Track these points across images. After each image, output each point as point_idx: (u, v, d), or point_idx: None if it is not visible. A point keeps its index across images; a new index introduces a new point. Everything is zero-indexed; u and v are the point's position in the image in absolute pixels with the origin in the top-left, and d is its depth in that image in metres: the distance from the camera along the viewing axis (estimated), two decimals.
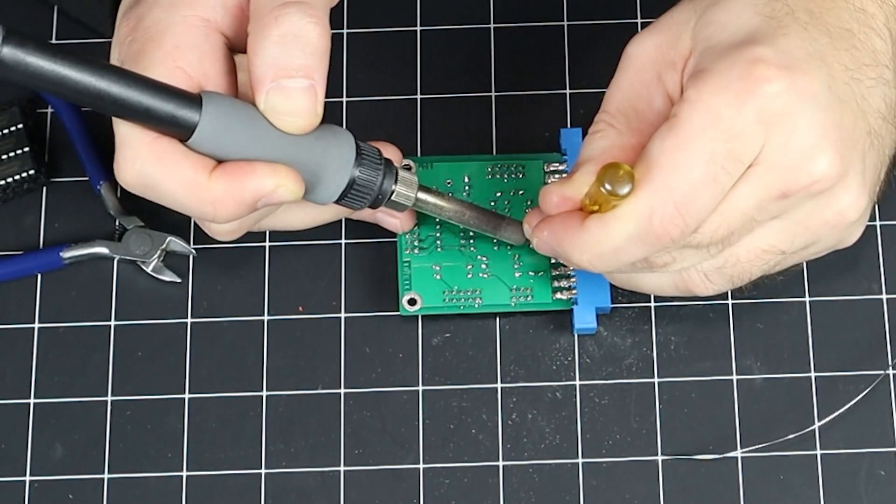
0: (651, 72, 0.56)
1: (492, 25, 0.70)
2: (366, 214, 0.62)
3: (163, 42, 0.53)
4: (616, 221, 0.53)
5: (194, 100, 0.52)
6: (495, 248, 0.64)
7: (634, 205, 0.52)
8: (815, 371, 0.64)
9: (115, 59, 0.55)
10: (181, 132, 0.52)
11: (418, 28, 0.70)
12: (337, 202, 0.57)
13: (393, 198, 0.58)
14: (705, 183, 0.52)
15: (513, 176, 0.65)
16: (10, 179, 0.66)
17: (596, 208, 0.54)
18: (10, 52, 0.48)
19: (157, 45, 0.53)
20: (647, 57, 0.56)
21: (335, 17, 0.69)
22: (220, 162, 0.53)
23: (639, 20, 0.69)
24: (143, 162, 0.53)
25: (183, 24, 0.54)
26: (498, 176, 0.65)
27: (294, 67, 0.52)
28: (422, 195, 0.60)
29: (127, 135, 0.53)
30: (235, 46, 0.56)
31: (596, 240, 0.54)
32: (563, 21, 0.69)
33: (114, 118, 0.53)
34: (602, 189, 0.52)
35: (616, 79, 0.57)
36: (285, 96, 0.52)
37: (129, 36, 0.54)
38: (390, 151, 0.60)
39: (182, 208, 0.54)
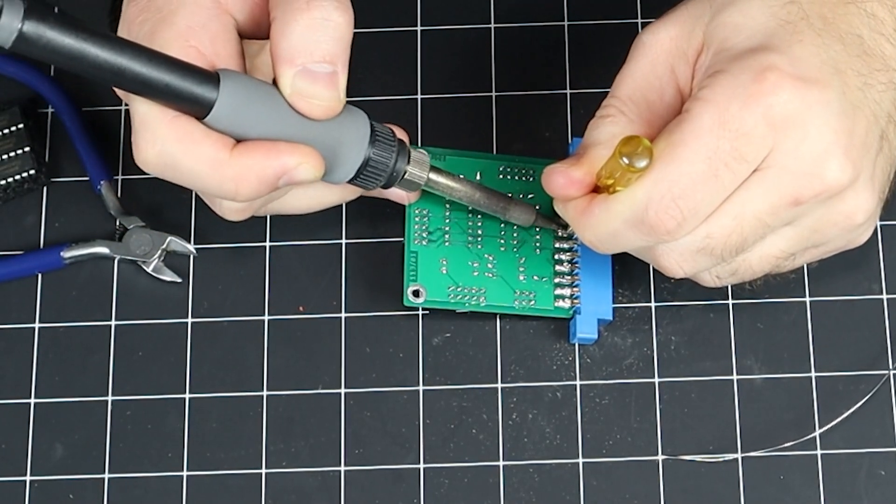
0: (665, 64, 0.56)
1: (492, 25, 0.70)
2: (373, 191, 0.62)
3: (175, 22, 0.53)
4: (615, 205, 0.54)
5: (212, 77, 0.52)
6: (502, 248, 0.64)
7: (632, 192, 0.53)
8: (816, 371, 0.64)
9: None
10: (199, 109, 0.52)
11: (418, 28, 0.70)
12: (351, 181, 0.57)
13: (406, 177, 0.58)
14: (706, 179, 0.52)
15: (523, 178, 0.65)
16: (10, 179, 0.66)
17: (611, 182, 0.54)
18: (31, 27, 0.48)
19: (169, 24, 0.53)
20: (661, 48, 0.56)
21: None
22: (238, 142, 0.53)
23: (639, 20, 0.69)
24: (165, 141, 0.53)
25: (194, 5, 0.54)
26: (508, 177, 0.65)
27: (321, 52, 0.53)
28: (433, 175, 0.60)
29: (147, 114, 0.53)
30: (244, 31, 0.56)
31: (597, 221, 0.55)
32: (563, 21, 0.69)
33: (132, 99, 0.53)
34: (620, 161, 0.52)
35: (629, 66, 0.57)
36: (312, 80, 0.53)
37: (139, 16, 0.55)
38: (399, 134, 0.60)
39: (203, 186, 0.54)
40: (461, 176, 0.61)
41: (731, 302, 0.65)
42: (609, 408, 0.64)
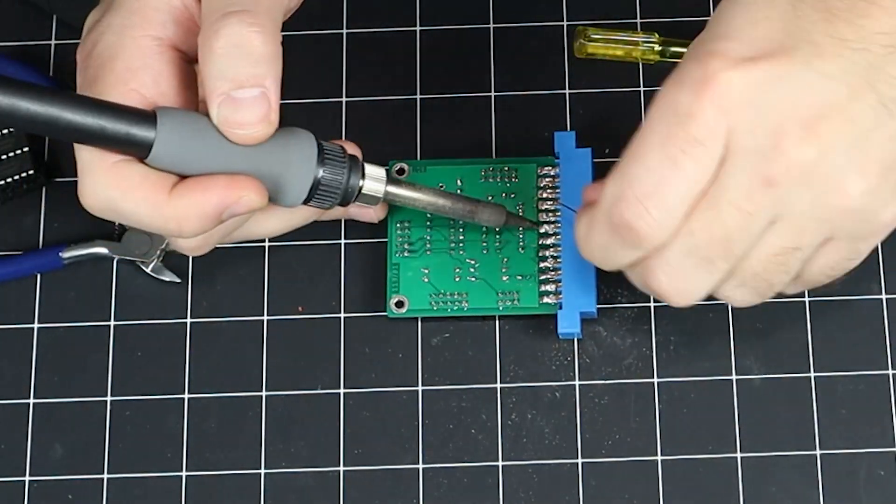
0: None
1: (492, 25, 0.70)
2: (339, 212, 0.62)
3: (115, 66, 0.53)
4: (594, 213, 0.54)
5: (149, 117, 0.52)
6: (485, 251, 0.64)
7: (603, 195, 0.53)
8: (815, 371, 0.64)
9: (77, 88, 0.55)
10: (139, 150, 0.52)
11: (418, 28, 0.70)
12: (307, 203, 0.56)
13: (362, 193, 0.58)
14: (664, 168, 0.51)
15: (505, 179, 0.65)
16: (9, 179, 0.66)
17: None
18: None
19: (109, 69, 0.53)
20: None
21: (335, 18, 0.70)
22: (184, 178, 0.53)
23: (638, 20, 0.69)
24: (104, 187, 0.53)
25: (134, 46, 0.54)
26: (491, 179, 0.65)
27: (243, 77, 0.52)
28: (391, 188, 0.59)
29: (88, 161, 0.53)
30: (196, 59, 0.55)
31: (584, 234, 0.55)
32: (562, 21, 0.69)
33: (75, 146, 0.53)
34: None
35: None
36: (235, 107, 0.52)
37: (84, 63, 0.55)
38: (351, 149, 0.59)
39: (149, 228, 0.54)
40: (423, 185, 0.61)
41: None
42: (608, 408, 0.64)
